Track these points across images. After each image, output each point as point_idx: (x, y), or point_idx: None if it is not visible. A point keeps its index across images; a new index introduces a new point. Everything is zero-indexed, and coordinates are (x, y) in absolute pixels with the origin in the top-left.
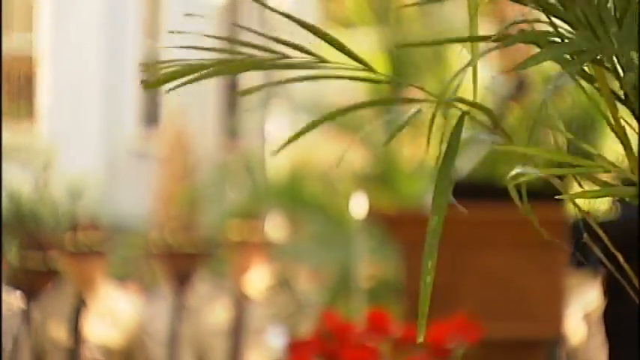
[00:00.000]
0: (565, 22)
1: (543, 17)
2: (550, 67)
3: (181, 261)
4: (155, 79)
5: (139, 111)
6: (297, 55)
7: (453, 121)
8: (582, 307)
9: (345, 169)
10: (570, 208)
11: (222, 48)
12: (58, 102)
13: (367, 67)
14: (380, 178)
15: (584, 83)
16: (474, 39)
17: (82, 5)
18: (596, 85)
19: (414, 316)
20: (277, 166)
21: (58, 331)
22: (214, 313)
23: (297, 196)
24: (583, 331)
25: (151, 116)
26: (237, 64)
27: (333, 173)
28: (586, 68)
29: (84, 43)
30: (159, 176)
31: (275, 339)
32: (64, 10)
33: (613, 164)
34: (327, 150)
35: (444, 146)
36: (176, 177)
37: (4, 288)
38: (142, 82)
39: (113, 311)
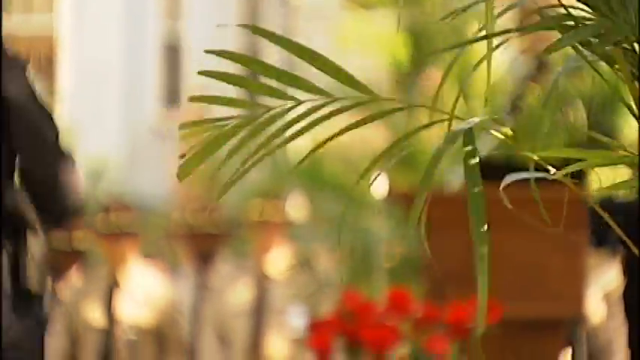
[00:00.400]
0: (587, 4)
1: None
2: (569, 47)
3: (203, 241)
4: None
5: (160, 91)
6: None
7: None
8: (602, 287)
9: (366, 148)
10: (590, 188)
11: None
12: (79, 83)
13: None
14: (401, 158)
15: (602, 66)
16: (491, 35)
17: None
18: (616, 66)
19: (434, 295)
20: (298, 146)
21: (92, 312)
22: (236, 293)
23: (318, 176)
24: (603, 311)
25: (172, 96)
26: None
27: (353, 153)
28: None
29: (105, 23)
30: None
31: (296, 319)
32: None
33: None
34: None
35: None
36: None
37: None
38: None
39: (145, 291)
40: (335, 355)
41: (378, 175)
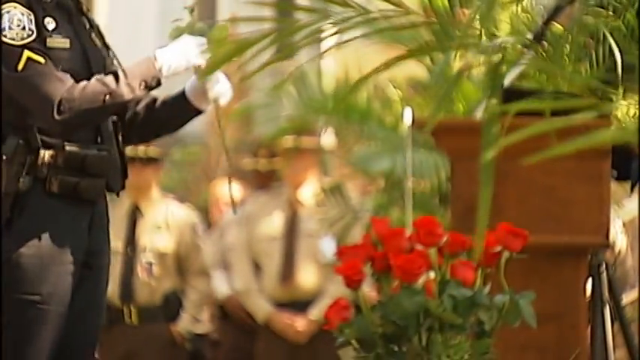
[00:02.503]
0: None
1: None
2: None
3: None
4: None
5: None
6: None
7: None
8: (623, 216)
9: (398, 79)
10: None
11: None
12: (117, 18)
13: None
14: (432, 88)
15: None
16: None
17: None
18: None
19: (460, 223)
20: (331, 76)
21: (114, 240)
22: (269, 219)
23: (350, 106)
24: (624, 240)
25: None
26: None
27: (385, 83)
28: None
29: None
30: None
31: (327, 245)
32: None
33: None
34: (379, 60)
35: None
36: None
37: None
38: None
39: (167, 218)
40: (364, 280)
41: (408, 104)
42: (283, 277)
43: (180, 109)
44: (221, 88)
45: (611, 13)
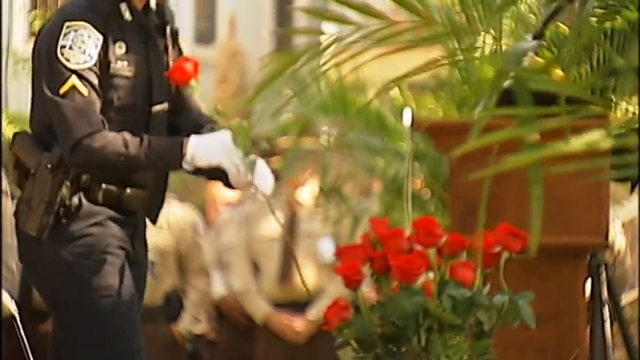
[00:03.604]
0: None
1: None
2: None
3: None
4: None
5: (195, 28)
6: None
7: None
8: (622, 217)
9: (399, 79)
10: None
11: None
12: None
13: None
14: (433, 89)
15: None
16: None
17: None
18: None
19: (460, 223)
20: (331, 76)
21: None
22: (268, 220)
23: (350, 107)
24: (623, 240)
25: (207, 34)
26: None
27: (386, 84)
28: None
29: None
30: (214, 92)
31: (326, 245)
32: None
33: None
34: (380, 62)
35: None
36: (231, 92)
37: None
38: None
39: (168, 217)
40: (363, 280)
41: (408, 105)
42: (282, 278)
43: (218, 178)
44: (262, 176)
45: (611, 13)
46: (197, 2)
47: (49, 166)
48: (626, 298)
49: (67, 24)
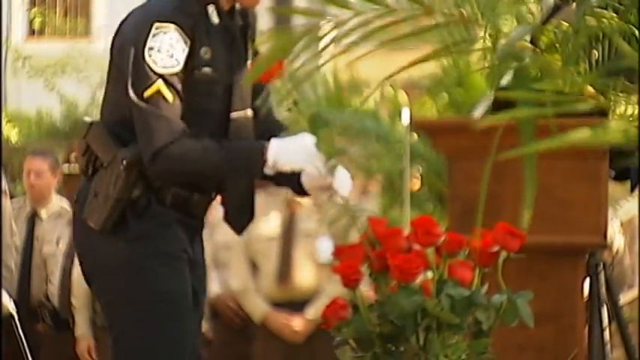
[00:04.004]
0: None
1: None
2: None
3: None
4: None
5: None
6: None
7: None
8: (621, 216)
9: (396, 78)
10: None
11: None
12: (114, 18)
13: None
14: (431, 88)
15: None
16: None
17: None
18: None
19: (458, 222)
20: (327, 77)
21: None
22: (267, 219)
23: (347, 107)
24: (622, 240)
25: None
26: None
27: (384, 83)
28: None
29: None
30: None
31: (324, 245)
32: None
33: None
34: (376, 60)
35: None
36: None
37: (58, 196)
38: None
39: None
40: (361, 279)
41: (406, 104)
42: (280, 277)
43: (288, 184)
44: (342, 180)
45: (612, 13)
46: None
47: (124, 162)
48: (625, 297)
49: (156, 25)
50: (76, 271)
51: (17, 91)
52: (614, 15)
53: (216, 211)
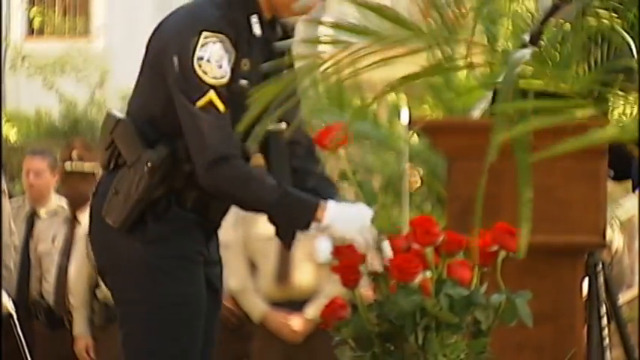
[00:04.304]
0: None
1: None
2: None
3: None
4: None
5: None
6: None
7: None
8: (620, 216)
9: (394, 78)
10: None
11: None
12: (113, 17)
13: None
14: (430, 88)
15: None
16: None
17: None
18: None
19: (457, 222)
20: (327, 77)
21: None
22: (265, 218)
23: (346, 106)
24: (621, 240)
25: None
26: None
27: (382, 83)
28: None
29: None
30: None
31: (323, 244)
32: None
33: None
34: (375, 60)
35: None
36: None
37: (57, 195)
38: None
39: None
40: (360, 279)
41: (405, 104)
42: (279, 277)
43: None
44: (385, 255)
45: (612, 13)
46: None
47: (149, 165)
48: (624, 297)
49: (205, 34)
50: (74, 269)
51: (16, 90)
52: (614, 15)
53: None
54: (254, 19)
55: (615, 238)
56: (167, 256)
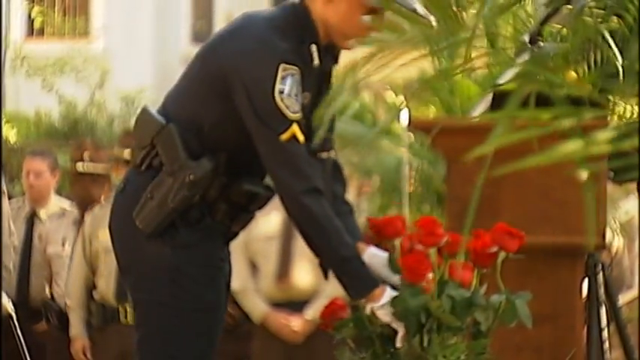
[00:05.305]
0: None
1: None
2: None
3: None
4: None
5: (192, 27)
6: None
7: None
8: (620, 217)
9: (394, 79)
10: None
11: None
12: (113, 18)
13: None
14: (429, 89)
15: None
16: None
17: None
18: None
19: (456, 223)
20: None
21: (107, 237)
22: (266, 219)
23: (347, 107)
24: (621, 241)
25: (204, 33)
26: None
27: (381, 84)
28: None
29: None
30: None
31: None
32: None
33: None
34: (376, 62)
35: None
36: None
37: (57, 196)
38: None
39: None
40: None
41: (405, 104)
42: (280, 277)
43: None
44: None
45: (611, 15)
46: (194, 1)
47: (191, 177)
48: (624, 298)
49: (283, 66)
50: (72, 271)
51: (16, 91)
52: (615, 16)
53: None
54: (314, 48)
55: (615, 238)
56: (194, 262)
